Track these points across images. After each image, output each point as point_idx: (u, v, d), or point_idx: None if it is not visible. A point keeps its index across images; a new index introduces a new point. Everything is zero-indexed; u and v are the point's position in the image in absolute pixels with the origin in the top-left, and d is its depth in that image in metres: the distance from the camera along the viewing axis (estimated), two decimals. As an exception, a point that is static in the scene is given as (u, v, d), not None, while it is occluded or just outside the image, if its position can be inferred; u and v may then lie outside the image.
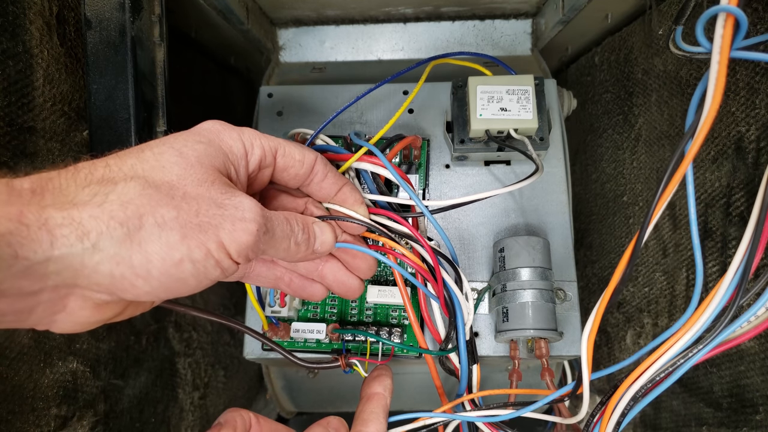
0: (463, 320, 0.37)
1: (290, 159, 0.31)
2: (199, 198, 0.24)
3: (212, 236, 0.23)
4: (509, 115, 0.41)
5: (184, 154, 0.25)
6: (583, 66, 0.64)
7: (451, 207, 0.39)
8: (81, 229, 0.21)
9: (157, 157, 0.25)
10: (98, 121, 0.38)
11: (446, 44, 0.64)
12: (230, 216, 0.24)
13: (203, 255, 0.23)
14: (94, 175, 0.23)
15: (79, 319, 0.23)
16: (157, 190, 0.23)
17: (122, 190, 0.22)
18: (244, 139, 0.29)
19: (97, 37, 0.38)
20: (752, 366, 0.37)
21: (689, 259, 0.44)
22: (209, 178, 0.25)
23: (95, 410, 0.43)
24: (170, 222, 0.23)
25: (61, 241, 0.20)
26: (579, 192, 0.65)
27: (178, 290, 0.24)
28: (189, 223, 0.23)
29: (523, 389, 0.39)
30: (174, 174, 0.24)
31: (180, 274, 0.23)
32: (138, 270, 0.22)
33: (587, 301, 0.64)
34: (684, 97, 0.44)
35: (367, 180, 0.39)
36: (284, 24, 0.64)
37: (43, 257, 0.20)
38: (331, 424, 0.31)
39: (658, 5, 0.47)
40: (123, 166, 0.24)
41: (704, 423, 0.42)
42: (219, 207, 0.24)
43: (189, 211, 0.23)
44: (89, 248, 0.21)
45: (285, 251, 0.29)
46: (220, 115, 0.32)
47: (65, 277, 0.21)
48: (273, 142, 0.30)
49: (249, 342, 0.45)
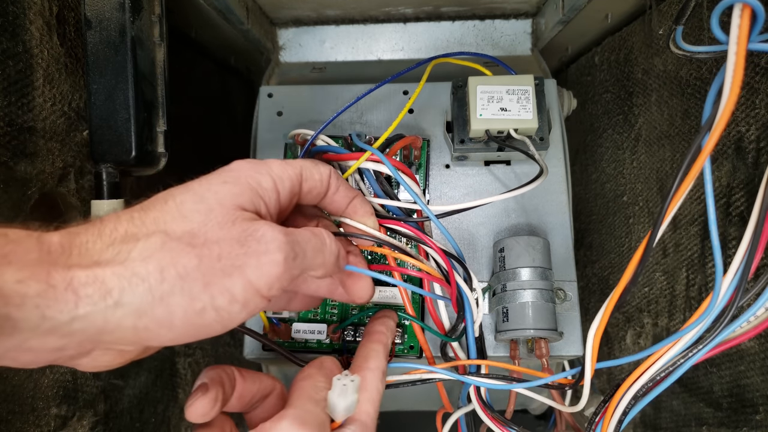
0: (473, 318, 0.38)
1: (312, 181, 0.31)
2: (220, 241, 0.24)
3: (237, 279, 0.23)
4: (509, 115, 0.41)
5: (205, 199, 0.25)
6: (583, 66, 0.64)
7: (457, 211, 0.39)
8: (104, 288, 0.21)
9: (178, 207, 0.25)
10: (98, 121, 0.38)
11: (446, 44, 0.64)
12: (254, 252, 0.24)
13: (227, 301, 0.23)
14: (118, 231, 0.23)
15: (102, 363, 0.24)
16: (179, 242, 0.23)
17: (144, 246, 0.23)
18: (273, 174, 0.28)
19: (97, 37, 0.38)
20: (752, 366, 0.37)
21: (689, 259, 0.44)
22: (230, 218, 0.25)
23: (95, 410, 0.43)
24: (192, 272, 0.23)
25: (85, 301, 0.21)
26: (579, 192, 0.65)
27: (204, 335, 0.24)
28: (212, 269, 0.23)
29: (527, 368, 0.38)
30: (195, 222, 0.24)
31: (203, 322, 0.23)
32: (161, 321, 0.22)
33: (587, 301, 0.64)
34: (684, 97, 0.44)
35: (370, 180, 0.39)
36: (284, 24, 0.64)
37: (69, 317, 0.20)
38: (325, 364, 0.31)
39: (658, 5, 0.47)
40: (146, 220, 0.24)
41: (704, 423, 0.42)
42: (242, 245, 0.24)
43: (211, 257, 0.23)
44: (111, 305, 0.21)
45: (321, 266, 0.29)
46: (220, 115, 0.32)
47: (89, 334, 0.21)
48: (296, 169, 0.30)
49: (249, 342, 0.45)
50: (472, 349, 0.38)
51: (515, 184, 0.47)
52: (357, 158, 0.39)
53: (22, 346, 0.20)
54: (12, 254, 0.20)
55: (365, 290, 0.35)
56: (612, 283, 0.58)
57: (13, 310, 0.19)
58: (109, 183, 0.39)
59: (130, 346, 0.23)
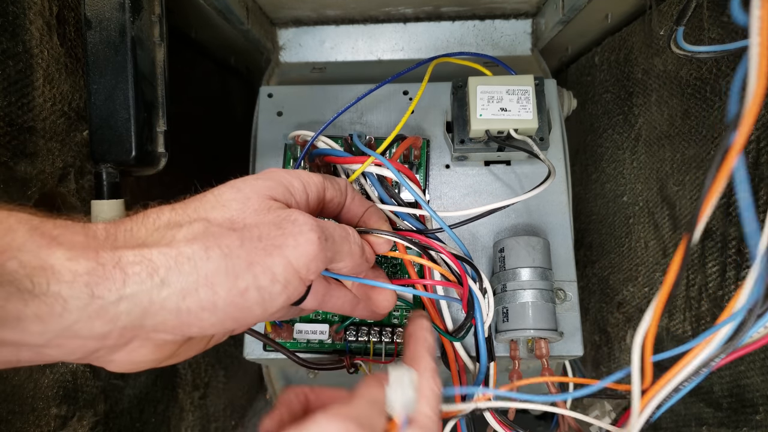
0: (482, 318, 0.38)
1: (333, 190, 0.32)
2: (259, 225, 0.25)
3: (278, 258, 0.24)
4: (509, 115, 0.41)
5: (242, 190, 0.27)
6: (583, 66, 0.64)
7: (470, 220, 0.39)
8: (151, 266, 0.22)
9: (217, 197, 0.26)
10: (98, 121, 0.38)
11: (446, 44, 0.64)
12: (290, 233, 0.25)
13: (269, 281, 0.24)
14: (161, 219, 0.24)
15: (136, 358, 0.24)
16: (220, 227, 0.24)
17: (187, 230, 0.24)
18: (302, 178, 0.30)
19: (97, 37, 0.38)
20: (752, 366, 0.37)
21: (689, 259, 0.44)
22: (265, 206, 0.26)
23: (95, 410, 0.43)
24: (236, 250, 0.23)
25: (133, 279, 0.21)
26: (579, 192, 0.65)
27: (244, 320, 0.24)
28: (254, 249, 0.24)
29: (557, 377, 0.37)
30: (234, 209, 0.25)
31: (245, 303, 0.24)
32: (204, 303, 0.23)
33: (587, 301, 0.64)
34: (684, 97, 0.44)
35: (375, 184, 0.39)
36: (284, 24, 0.64)
37: (116, 296, 0.21)
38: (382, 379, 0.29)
39: (658, 5, 0.47)
40: (187, 210, 0.25)
41: (704, 423, 0.42)
42: (278, 228, 0.25)
43: (252, 238, 0.24)
44: (158, 284, 0.22)
45: (348, 254, 0.29)
46: (220, 115, 0.32)
47: (134, 317, 0.21)
48: (320, 178, 0.32)
49: (249, 342, 0.45)
50: (482, 350, 0.38)
51: (515, 184, 0.47)
52: (358, 161, 0.39)
53: (71, 330, 0.20)
54: (61, 236, 0.21)
55: (389, 300, 0.35)
56: (612, 283, 0.58)
57: (64, 288, 0.20)
58: (109, 183, 0.39)
59: (169, 335, 0.23)
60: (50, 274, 0.20)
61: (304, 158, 0.42)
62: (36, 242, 0.20)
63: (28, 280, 0.19)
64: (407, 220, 0.39)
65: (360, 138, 0.42)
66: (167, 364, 0.26)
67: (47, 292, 0.19)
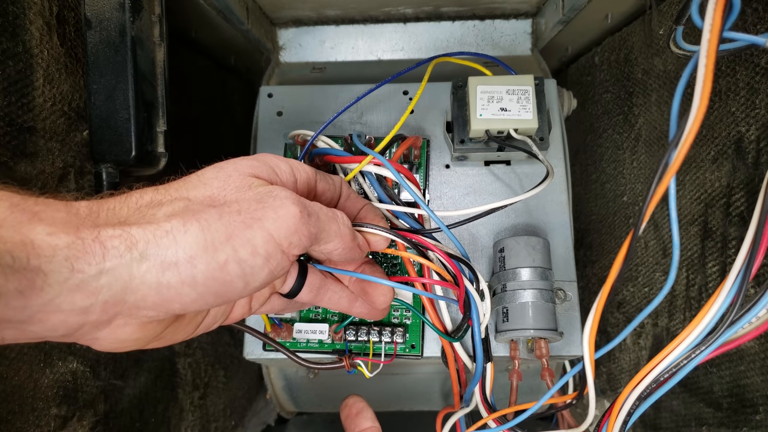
0: (479, 319, 0.38)
1: (326, 183, 0.32)
2: (240, 200, 0.25)
3: (258, 231, 0.24)
4: (509, 115, 0.41)
5: (223, 168, 0.27)
6: (583, 66, 0.64)
7: (467, 221, 0.39)
8: (130, 239, 0.22)
9: (199, 177, 0.27)
10: (98, 121, 0.38)
11: (446, 44, 0.64)
12: (270, 206, 0.25)
13: (249, 253, 0.24)
14: (143, 198, 0.25)
15: (121, 336, 0.24)
16: (200, 203, 0.25)
17: (168, 208, 0.24)
18: (291, 163, 0.30)
19: (97, 37, 0.38)
20: (752, 366, 0.37)
21: (689, 259, 0.44)
22: (247, 183, 0.26)
23: (95, 410, 0.43)
24: (214, 224, 0.24)
25: (112, 252, 0.21)
26: (579, 192, 0.65)
27: (226, 294, 0.24)
28: (232, 222, 0.24)
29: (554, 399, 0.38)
30: (214, 187, 0.26)
31: (225, 277, 0.24)
32: (184, 276, 0.23)
33: (587, 301, 0.64)
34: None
35: (373, 183, 0.39)
36: (284, 24, 0.64)
37: (96, 270, 0.21)
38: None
39: (658, 5, 0.47)
40: (170, 190, 0.26)
41: (704, 423, 0.42)
42: (259, 202, 0.25)
43: (231, 212, 0.24)
44: (137, 257, 0.22)
45: (337, 234, 0.29)
46: (220, 115, 0.32)
47: (115, 291, 0.22)
48: (312, 169, 0.32)
49: (249, 342, 0.45)
50: (478, 351, 0.38)
51: (515, 184, 0.47)
52: (357, 161, 0.39)
53: (52, 303, 0.20)
54: (42, 213, 0.21)
55: (386, 296, 0.35)
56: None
57: (44, 263, 0.20)
58: (109, 183, 0.39)
59: (152, 311, 0.23)
60: (30, 249, 0.20)
61: (304, 158, 0.42)
62: (17, 218, 0.20)
63: (9, 255, 0.19)
64: (404, 219, 0.39)
65: (359, 138, 0.42)
66: (154, 345, 0.26)
67: (27, 267, 0.19)
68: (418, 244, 0.36)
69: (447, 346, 0.40)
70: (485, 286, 0.38)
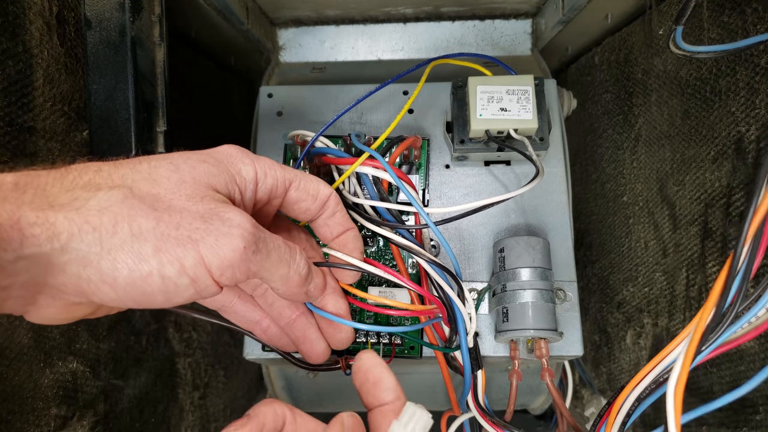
0: (466, 330, 0.37)
1: (303, 193, 0.30)
2: (183, 211, 0.23)
3: (191, 251, 0.23)
4: (509, 115, 0.41)
5: (180, 170, 0.25)
6: (583, 66, 0.64)
7: (455, 218, 0.39)
8: (52, 230, 0.20)
9: (151, 169, 0.24)
10: (98, 121, 0.38)
11: (446, 44, 0.64)
12: (215, 230, 0.23)
13: (176, 271, 0.22)
14: (81, 178, 0.23)
15: (47, 315, 0.23)
16: (141, 201, 0.23)
17: (103, 197, 0.22)
18: (258, 167, 0.28)
19: (97, 37, 0.38)
20: (752, 366, 0.37)
21: (689, 259, 0.44)
22: (200, 194, 0.24)
23: (95, 410, 0.43)
24: (146, 233, 0.22)
25: (31, 241, 0.20)
26: (579, 192, 0.65)
27: (146, 303, 0.23)
28: (167, 235, 0.22)
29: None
30: (163, 187, 0.24)
31: (147, 288, 0.22)
32: (105, 276, 0.22)
33: (587, 301, 0.64)
34: (684, 97, 0.44)
35: (367, 184, 0.39)
36: (284, 24, 0.64)
37: (13, 256, 0.20)
38: (346, 424, 0.28)
39: (658, 5, 0.47)
40: (114, 174, 0.23)
41: (704, 423, 0.42)
42: (204, 221, 0.23)
43: (169, 224, 0.23)
44: (58, 249, 0.21)
45: (282, 279, 0.27)
46: (220, 115, 0.32)
47: (34, 274, 0.21)
48: (289, 174, 0.29)
49: (249, 342, 0.45)
50: (465, 362, 0.38)
51: (515, 185, 0.47)
52: (352, 162, 0.38)
53: None
54: None
55: (344, 336, 0.34)
56: (612, 283, 0.58)
57: None
58: (109, 183, 0.39)
59: (75, 297, 0.22)
60: None
61: (304, 158, 0.42)
62: None
63: None
64: (385, 216, 0.39)
65: (359, 138, 0.42)
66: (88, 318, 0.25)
67: None
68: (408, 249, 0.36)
69: (440, 357, 0.40)
70: (468, 293, 0.38)
